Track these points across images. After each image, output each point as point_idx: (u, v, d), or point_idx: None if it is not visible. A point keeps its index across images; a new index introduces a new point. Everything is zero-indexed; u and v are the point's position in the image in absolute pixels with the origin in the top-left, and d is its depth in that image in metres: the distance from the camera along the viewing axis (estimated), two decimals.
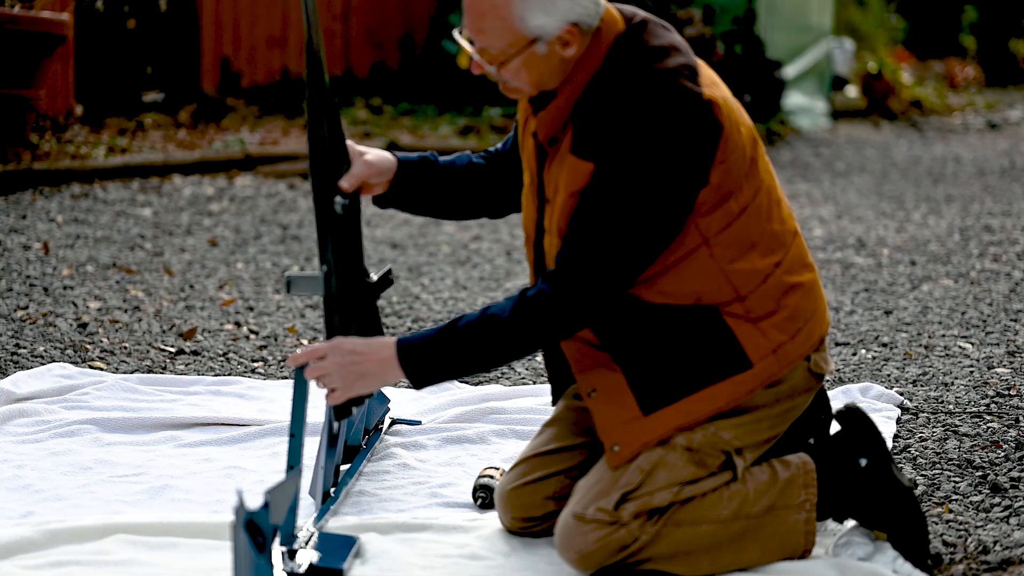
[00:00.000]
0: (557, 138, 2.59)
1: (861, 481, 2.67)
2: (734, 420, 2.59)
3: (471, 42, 2.56)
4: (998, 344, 4.52)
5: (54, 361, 4.14)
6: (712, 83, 2.56)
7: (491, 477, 3.00)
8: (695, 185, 2.50)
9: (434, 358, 2.54)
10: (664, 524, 2.54)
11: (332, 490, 3.02)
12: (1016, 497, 3.05)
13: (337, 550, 2.63)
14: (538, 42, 2.50)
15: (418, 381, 2.56)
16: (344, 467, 3.19)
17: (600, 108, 2.52)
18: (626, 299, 2.58)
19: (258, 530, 2.39)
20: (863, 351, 4.46)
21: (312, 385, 2.72)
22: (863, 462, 2.68)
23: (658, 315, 2.58)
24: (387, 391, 3.62)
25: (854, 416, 2.71)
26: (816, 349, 2.67)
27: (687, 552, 2.56)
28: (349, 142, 2.78)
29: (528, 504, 2.77)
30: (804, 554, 2.63)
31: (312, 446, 3.39)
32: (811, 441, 2.73)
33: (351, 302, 2.77)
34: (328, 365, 2.57)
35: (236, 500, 2.26)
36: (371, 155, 2.80)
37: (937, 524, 2.90)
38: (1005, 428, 3.59)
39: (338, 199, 2.74)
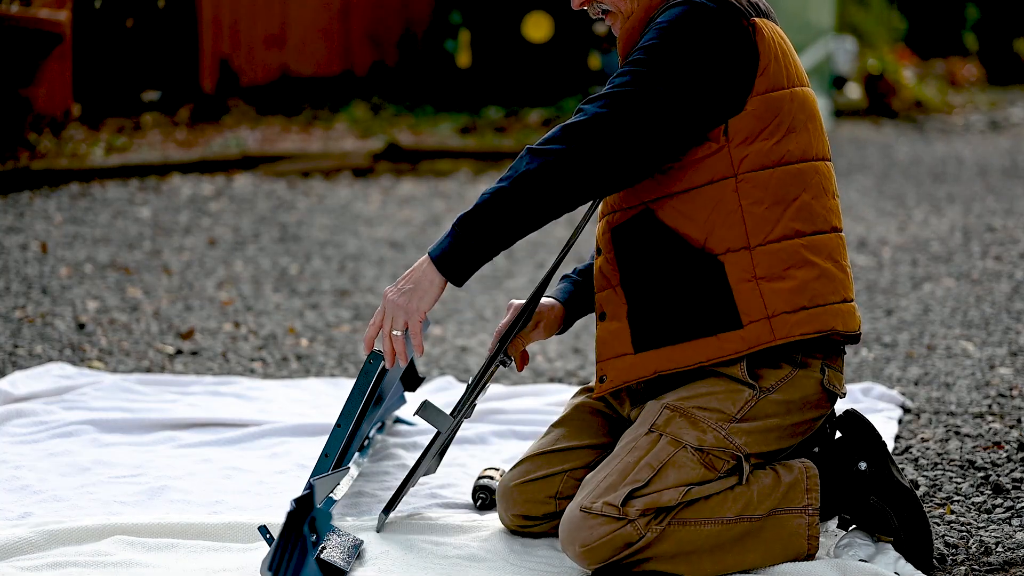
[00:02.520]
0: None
1: (862, 485, 2.67)
2: (746, 426, 2.60)
3: None
4: (1000, 344, 4.51)
5: (52, 361, 4.13)
6: (770, 28, 2.64)
7: (491, 478, 2.99)
8: (718, 90, 2.55)
9: (457, 236, 2.53)
10: (669, 523, 2.54)
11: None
12: (1018, 498, 3.04)
13: (344, 549, 2.61)
14: None
15: (445, 265, 2.52)
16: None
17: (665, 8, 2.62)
18: (643, 217, 2.62)
19: (314, 528, 2.37)
20: (865, 351, 4.45)
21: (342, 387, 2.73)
22: (863, 465, 2.67)
23: (667, 246, 2.60)
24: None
25: (853, 420, 2.70)
26: (830, 355, 2.67)
27: (690, 552, 2.56)
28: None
29: (530, 501, 2.77)
30: (807, 558, 2.62)
31: (314, 444, 3.38)
32: (816, 450, 2.72)
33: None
34: (386, 306, 2.57)
35: (304, 491, 2.23)
36: (545, 320, 2.86)
37: (939, 525, 2.89)
38: (1007, 428, 3.58)
39: (505, 359, 2.80)
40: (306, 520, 2.29)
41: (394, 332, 2.58)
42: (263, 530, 2.48)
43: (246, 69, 10.62)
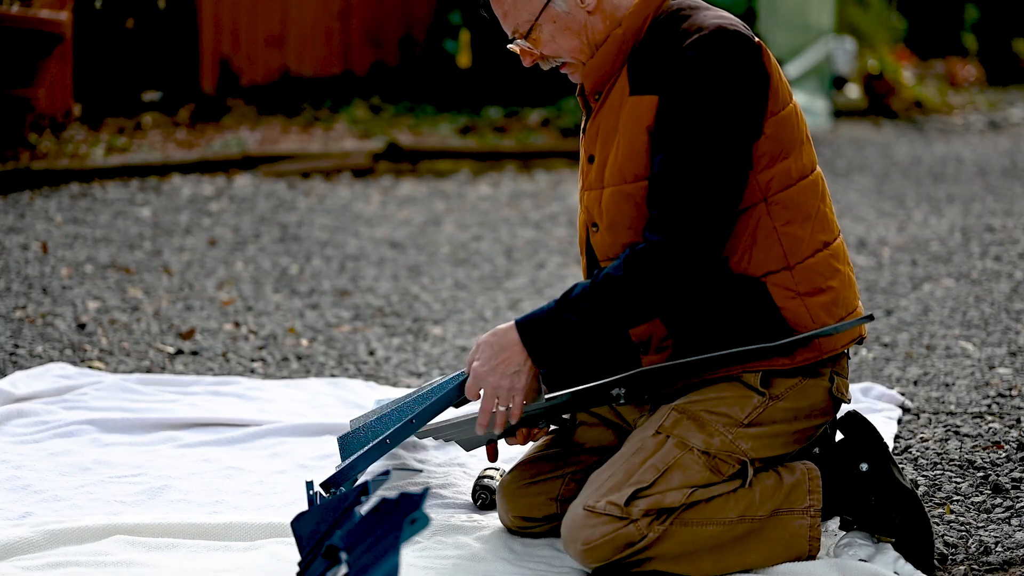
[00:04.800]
0: (601, 93, 2.66)
1: (863, 485, 2.67)
2: (753, 431, 2.60)
3: (513, 40, 2.68)
4: (999, 344, 4.51)
5: (53, 361, 4.13)
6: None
7: (491, 478, 2.99)
8: (754, 122, 2.56)
9: (554, 329, 2.56)
10: (671, 523, 2.54)
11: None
12: (1018, 498, 3.04)
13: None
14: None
15: (541, 358, 2.57)
16: None
17: (660, 46, 2.59)
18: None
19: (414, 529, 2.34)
20: (864, 351, 4.45)
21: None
22: (864, 466, 2.68)
23: (709, 280, 2.60)
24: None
25: (854, 421, 2.71)
26: (838, 363, 2.68)
27: (691, 552, 2.56)
28: None
29: (531, 504, 2.77)
30: (808, 559, 2.62)
31: (314, 444, 3.39)
32: (816, 451, 2.73)
33: None
34: (489, 387, 2.61)
35: (418, 493, 2.23)
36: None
37: (939, 525, 2.89)
38: (1006, 428, 3.58)
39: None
40: (407, 518, 2.25)
41: (499, 408, 2.62)
42: (309, 485, 2.52)
43: (246, 69, 10.62)
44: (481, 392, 2.62)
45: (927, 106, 13.09)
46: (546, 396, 2.62)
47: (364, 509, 2.32)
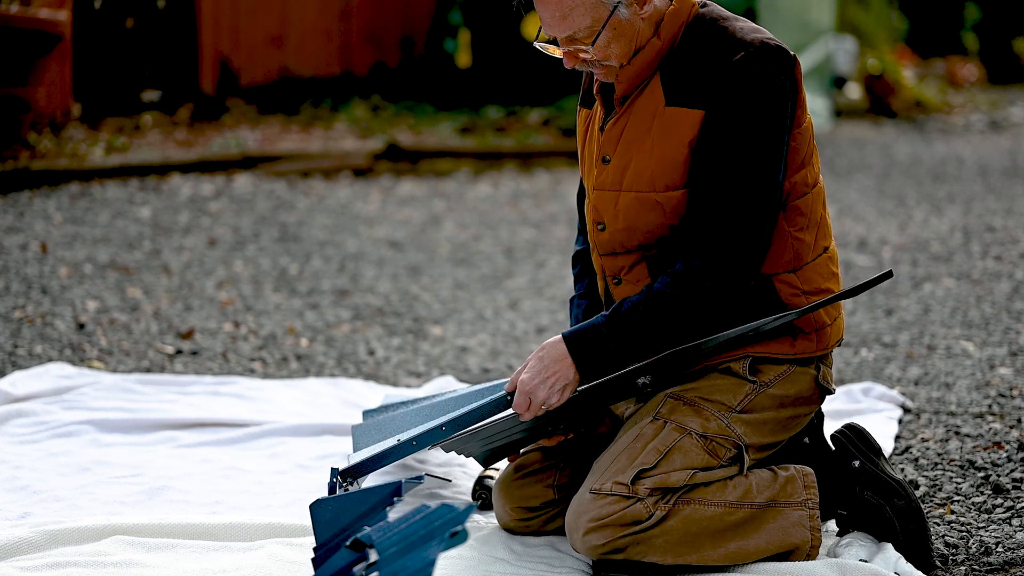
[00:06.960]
0: (628, 96, 2.65)
1: (856, 480, 2.73)
2: (745, 417, 2.65)
3: (552, 41, 2.65)
4: (1000, 344, 4.51)
5: (52, 361, 4.12)
6: None
7: (490, 477, 3.00)
8: (789, 135, 2.60)
9: (605, 344, 2.58)
10: (675, 503, 2.57)
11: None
12: (1018, 498, 3.04)
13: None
14: (619, 6, 2.59)
15: (589, 372, 2.60)
16: None
17: (700, 57, 2.59)
18: None
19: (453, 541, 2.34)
20: (865, 351, 4.45)
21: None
22: (856, 463, 2.75)
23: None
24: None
25: (849, 428, 2.80)
26: (827, 361, 2.74)
27: (695, 534, 2.57)
28: None
29: (528, 495, 2.79)
30: (811, 551, 2.63)
31: (314, 444, 3.38)
32: (806, 440, 2.80)
33: None
34: (537, 401, 2.62)
35: (469, 506, 2.21)
36: None
37: (939, 525, 2.88)
38: (1007, 429, 3.57)
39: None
40: (449, 530, 2.23)
41: (543, 407, 2.64)
42: (334, 472, 2.55)
43: (246, 69, 10.61)
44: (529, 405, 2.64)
45: (928, 106, 13.08)
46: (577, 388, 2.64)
47: (398, 510, 2.31)
